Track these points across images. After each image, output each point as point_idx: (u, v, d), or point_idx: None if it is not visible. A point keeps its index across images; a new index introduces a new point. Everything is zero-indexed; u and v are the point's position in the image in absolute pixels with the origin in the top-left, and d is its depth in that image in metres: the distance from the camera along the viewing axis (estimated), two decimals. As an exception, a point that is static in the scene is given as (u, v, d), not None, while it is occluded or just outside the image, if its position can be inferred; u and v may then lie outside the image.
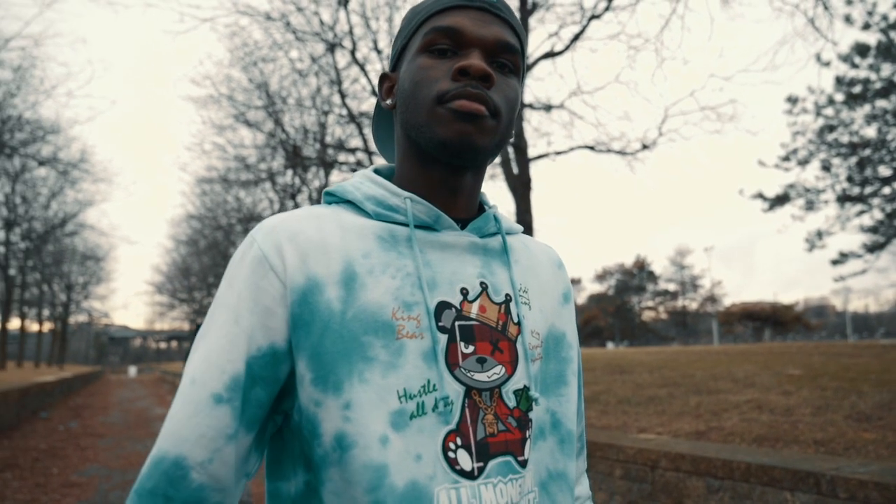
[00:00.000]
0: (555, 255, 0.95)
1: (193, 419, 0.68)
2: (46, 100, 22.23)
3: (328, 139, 15.65)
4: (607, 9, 11.62)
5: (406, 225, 0.78)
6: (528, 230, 11.49)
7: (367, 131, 15.62)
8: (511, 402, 0.76)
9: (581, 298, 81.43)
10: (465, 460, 0.70)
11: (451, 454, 0.70)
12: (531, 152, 12.68)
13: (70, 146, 23.28)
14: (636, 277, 74.98)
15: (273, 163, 16.27)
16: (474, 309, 0.77)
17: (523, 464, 0.75)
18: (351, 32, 12.73)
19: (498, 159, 14.53)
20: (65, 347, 46.12)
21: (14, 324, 35.07)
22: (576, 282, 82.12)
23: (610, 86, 12.63)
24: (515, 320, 0.80)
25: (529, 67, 12.06)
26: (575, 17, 12.16)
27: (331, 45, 12.51)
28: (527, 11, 12.15)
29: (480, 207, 0.88)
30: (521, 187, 11.90)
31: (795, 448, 4.38)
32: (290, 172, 16.41)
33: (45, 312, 39.57)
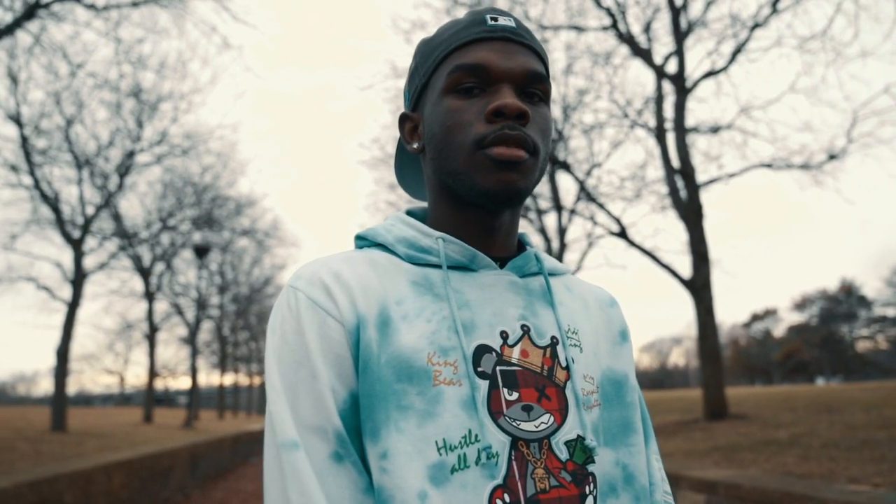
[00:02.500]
0: (605, 295, 0.88)
1: (333, 481, 0.63)
2: (241, 177, 25.37)
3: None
4: (773, 12, 10.79)
5: (440, 266, 0.74)
6: (703, 260, 10.75)
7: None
8: (563, 454, 0.68)
9: (779, 330, 73.72)
10: None
11: None
12: (700, 178, 11.97)
13: (264, 217, 26.30)
14: (844, 303, 66.41)
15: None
16: (515, 353, 0.71)
17: None
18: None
19: (665, 189, 13.94)
20: (271, 398, 50.84)
21: (228, 379, 39.55)
22: (771, 312, 74.68)
23: (785, 96, 11.58)
24: (563, 364, 0.73)
25: (689, 90, 11.50)
26: (731, 29, 11.45)
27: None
28: (681, 35, 11.67)
29: (521, 247, 0.84)
30: (692, 215, 11.23)
31: None
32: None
33: (254, 367, 44.13)
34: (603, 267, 17.27)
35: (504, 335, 0.72)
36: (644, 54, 11.81)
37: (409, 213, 0.85)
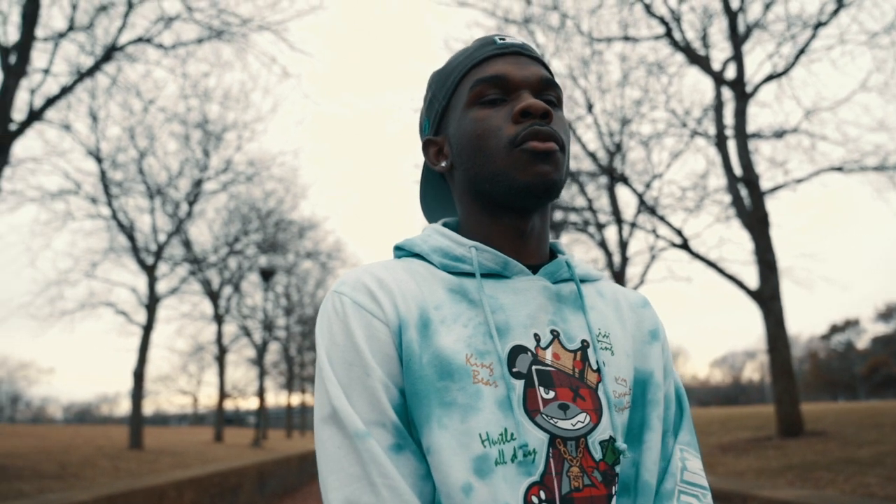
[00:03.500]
0: (636, 297, 0.89)
1: (396, 470, 0.66)
2: (303, 201, 26.12)
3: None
4: (839, 7, 10.34)
5: (474, 275, 0.77)
6: (771, 270, 10.33)
7: (589, 189, 15.63)
8: (597, 453, 0.70)
9: (862, 342, 69.56)
10: None
11: None
12: (765, 184, 11.55)
13: (326, 239, 26.96)
14: (935, 313, 62.05)
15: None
16: (548, 356, 0.74)
17: None
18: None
19: (728, 198, 13.49)
20: (337, 417, 51.52)
21: (296, 399, 40.37)
22: (852, 323, 70.65)
23: (855, 95, 11.05)
24: (595, 367, 0.75)
25: (750, 95, 11.15)
26: (792, 30, 11.04)
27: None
28: (739, 39, 11.35)
29: (553, 255, 0.87)
30: (757, 224, 10.83)
31: None
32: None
33: (320, 386, 44.82)
34: (667, 280, 16.80)
35: (537, 337, 0.74)
36: (701, 61, 11.55)
37: (445, 224, 0.88)
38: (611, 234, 16.62)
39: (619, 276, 15.57)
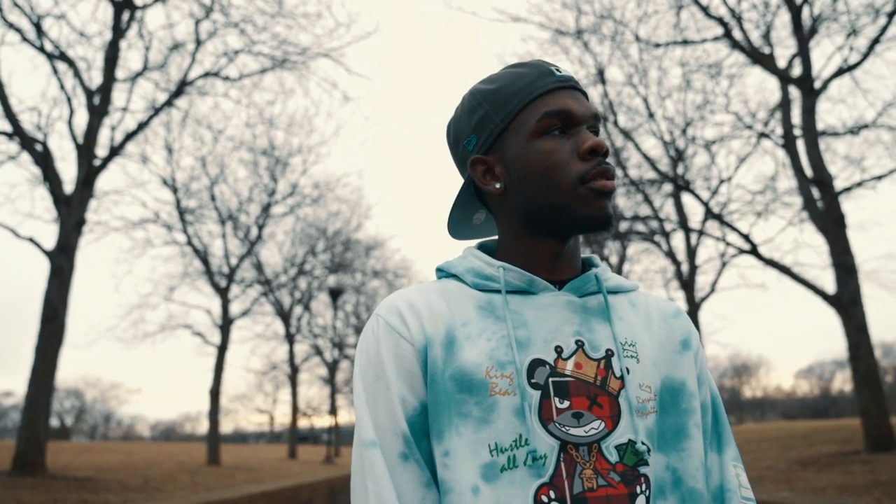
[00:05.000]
0: (669, 307, 0.92)
1: (400, 476, 0.76)
2: (367, 221, 26.63)
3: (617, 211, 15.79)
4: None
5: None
6: (850, 273, 9.79)
7: (654, 198, 15.24)
8: (612, 456, 0.75)
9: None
10: None
11: None
12: (840, 184, 10.98)
13: (392, 258, 27.35)
14: None
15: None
16: (569, 366, 0.79)
17: None
18: (611, 107, 12.85)
19: (799, 200, 12.89)
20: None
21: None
22: (953, 329, 65.30)
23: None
24: (618, 375, 0.80)
25: (819, 91, 10.67)
26: (864, 19, 10.50)
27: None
28: (804, 34, 10.91)
29: (586, 268, 0.91)
30: (832, 225, 10.31)
31: None
32: (587, 251, 16.68)
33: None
34: (741, 287, 16.14)
35: (559, 349, 0.80)
36: (764, 60, 11.16)
37: (481, 246, 0.94)
38: (678, 241, 16.17)
39: (688, 285, 15.11)
